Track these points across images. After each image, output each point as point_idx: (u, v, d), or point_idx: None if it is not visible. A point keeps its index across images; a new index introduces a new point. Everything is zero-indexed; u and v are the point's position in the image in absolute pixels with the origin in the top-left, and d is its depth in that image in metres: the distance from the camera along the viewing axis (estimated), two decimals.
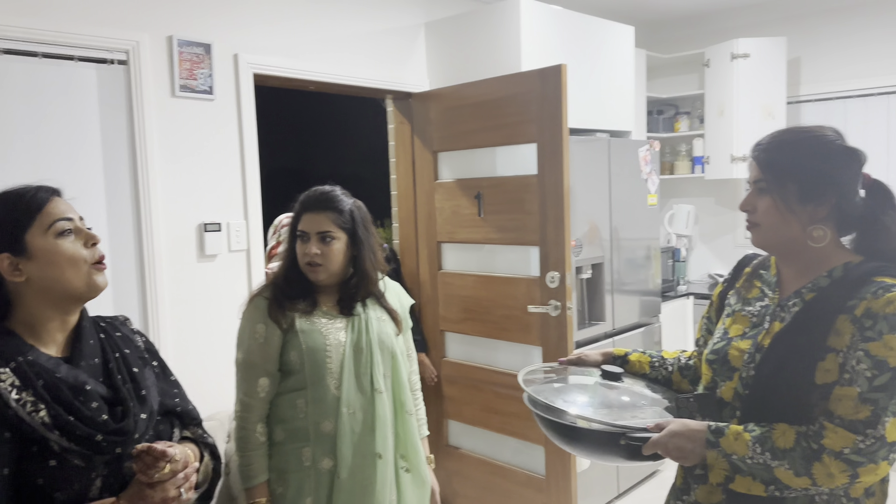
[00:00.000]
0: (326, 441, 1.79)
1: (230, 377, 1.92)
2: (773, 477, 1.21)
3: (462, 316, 3.44)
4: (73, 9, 2.42)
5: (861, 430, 1.16)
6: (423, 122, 3.52)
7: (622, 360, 1.62)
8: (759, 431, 1.23)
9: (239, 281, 2.89)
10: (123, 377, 1.30)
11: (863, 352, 1.19)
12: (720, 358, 1.38)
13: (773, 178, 1.32)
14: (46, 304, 1.24)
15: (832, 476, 1.17)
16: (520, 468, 3.30)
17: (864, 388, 1.18)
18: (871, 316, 1.20)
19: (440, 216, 3.50)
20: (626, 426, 1.32)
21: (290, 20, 3.03)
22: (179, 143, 2.69)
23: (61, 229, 1.24)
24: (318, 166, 5.63)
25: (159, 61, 2.62)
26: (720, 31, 4.73)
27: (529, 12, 3.21)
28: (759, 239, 1.37)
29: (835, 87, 4.40)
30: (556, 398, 1.41)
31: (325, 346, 1.80)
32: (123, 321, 1.44)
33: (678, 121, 4.89)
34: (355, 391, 1.82)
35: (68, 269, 1.23)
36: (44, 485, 1.15)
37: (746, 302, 1.43)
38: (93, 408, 1.20)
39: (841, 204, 1.30)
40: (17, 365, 1.17)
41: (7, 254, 1.21)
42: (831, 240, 1.32)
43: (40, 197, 1.25)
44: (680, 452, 1.27)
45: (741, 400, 1.33)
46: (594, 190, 3.40)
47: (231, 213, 2.86)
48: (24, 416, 1.13)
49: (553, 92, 2.95)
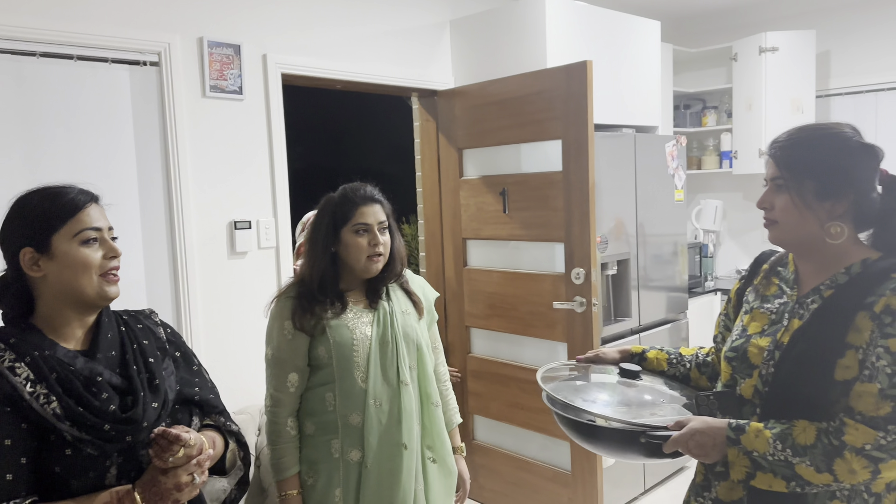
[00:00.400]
0: (354, 433, 1.82)
1: (260, 372, 1.97)
2: (795, 473, 1.21)
3: (487, 312, 3.46)
4: (106, 12, 2.48)
5: (882, 427, 1.17)
6: (448, 120, 3.54)
7: (640, 357, 1.63)
8: (780, 428, 1.23)
9: (268, 277, 2.94)
10: (139, 367, 1.34)
11: (883, 348, 1.20)
12: (739, 355, 1.39)
13: (791, 175, 1.32)
14: (62, 303, 1.29)
15: (854, 472, 1.18)
16: (546, 463, 3.32)
17: (885, 384, 1.18)
18: (890, 312, 1.20)
19: (465, 213, 3.52)
20: (646, 424, 1.32)
21: (318, 21, 3.06)
22: (210, 143, 2.74)
23: (87, 238, 1.29)
24: (345, 163, 5.68)
25: (190, 62, 2.68)
26: (748, 24, 4.68)
27: (554, 9, 3.21)
28: (776, 236, 1.38)
29: (865, 80, 4.33)
30: (575, 397, 1.41)
31: (352, 341, 1.83)
32: (148, 314, 1.49)
33: (706, 115, 4.84)
34: (381, 383, 1.85)
35: (81, 275, 1.28)
36: (60, 472, 1.20)
37: (765, 299, 1.43)
38: (102, 398, 1.25)
39: (858, 200, 1.30)
40: (32, 359, 1.22)
41: (31, 248, 1.27)
42: (849, 236, 1.32)
43: (78, 201, 1.30)
44: (701, 450, 1.27)
45: (761, 397, 1.33)
46: (620, 186, 3.39)
47: (260, 211, 2.91)
48: (37, 408, 1.18)
49: (578, 88, 2.95)
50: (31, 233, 1.26)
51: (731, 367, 1.40)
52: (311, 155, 5.19)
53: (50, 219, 1.27)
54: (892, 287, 1.22)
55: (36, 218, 1.27)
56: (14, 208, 1.30)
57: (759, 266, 1.52)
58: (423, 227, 3.79)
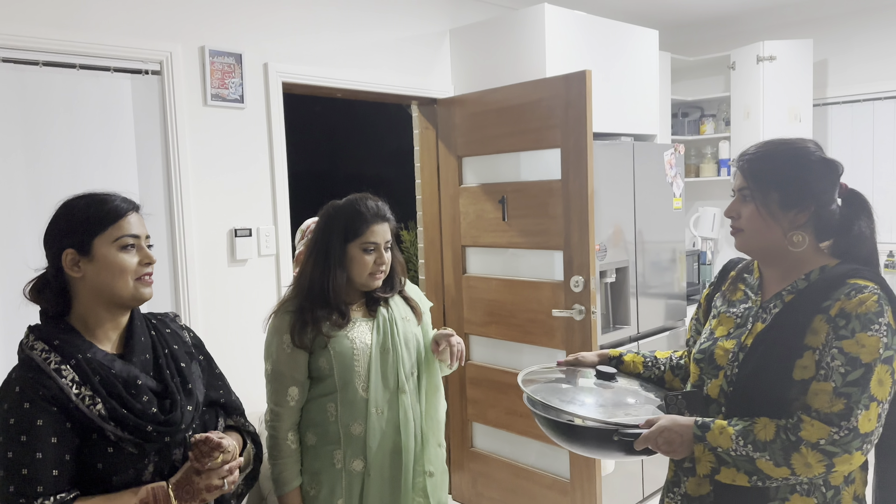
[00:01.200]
0: (357, 443, 1.83)
1: (260, 379, 1.98)
2: (756, 468, 1.28)
3: (486, 319, 3.47)
4: (109, 21, 2.49)
5: (836, 423, 1.24)
6: (447, 128, 3.56)
7: (617, 360, 1.71)
8: (742, 425, 1.30)
9: (268, 285, 2.95)
10: (172, 372, 1.41)
11: (837, 349, 1.28)
12: (707, 357, 1.47)
13: (757, 186, 1.40)
14: (98, 304, 1.36)
15: (810, 466, 1.25)
16: (544, 471, 3.32)
17: (839, 382, 1.26)
18: (844, 315, 1.29)
19: (464, 220, 3.53)
20: (620, 423, 1.39)
21: (318, 30, 3.08)
22: (211, 151, 2.76)
23: (125, 244, 1.37)
24: (344, 169, 5.70)
25: (192, 71, 2.70)
26: (745, 33, 4.71)
27: (554, 18, 3.24)
28: (742, 243, 1.46)
29: (863, 88, 4.36)
30: (554, 398, 1.49)
31: (353, 351, 1.83)
32: (174, 318, 1.57)
33: (704, 123, 4.87)
34: (382, 391, 1.85)
35: (118, 278, 1.35)
36: (102, 469, 1.28)
37: (731, 304, 1.52)
38: (143, 401, 1.32)
39: (819, 211, 1.39)
40: (76, 362, 1.29)
41: (73, 250, 1.33)
42: (810, 244, 1.41)
43: (120, 208, 1.37)
44: (669, 447, 1.34)
45: (726, 396, 1.41)
46: (618, 194, 3.41)
47: (261, 219, 2.92)
48: (83, 409, 1.26)
49: (577, 98, 2.97)
50: (74, 235, 1.34)
51: (699, 369, 1.49)
52: (311, 161, 5.21)
53: (93, 223, 1.34)
54: (847, 292, 1.31)
55: (80, 221, 1.34)
56: (60, 211, 1.37)
57: (727, 273, 1.60)
58: (423, 234, 3.80)
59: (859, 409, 1.24)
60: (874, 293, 1.29)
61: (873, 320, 1.27)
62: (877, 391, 1.25)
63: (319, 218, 1.93)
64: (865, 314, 1.27)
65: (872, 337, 1.26)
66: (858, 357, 1.26)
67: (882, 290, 1.32)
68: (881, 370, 1.26)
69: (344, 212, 1.87)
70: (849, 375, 1.26)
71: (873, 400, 1.25)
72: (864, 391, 1.24)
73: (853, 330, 1.28)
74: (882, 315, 1.28)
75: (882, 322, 1.28)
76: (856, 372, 1.26)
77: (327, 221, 1.89)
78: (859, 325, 1.27)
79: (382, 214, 1.88)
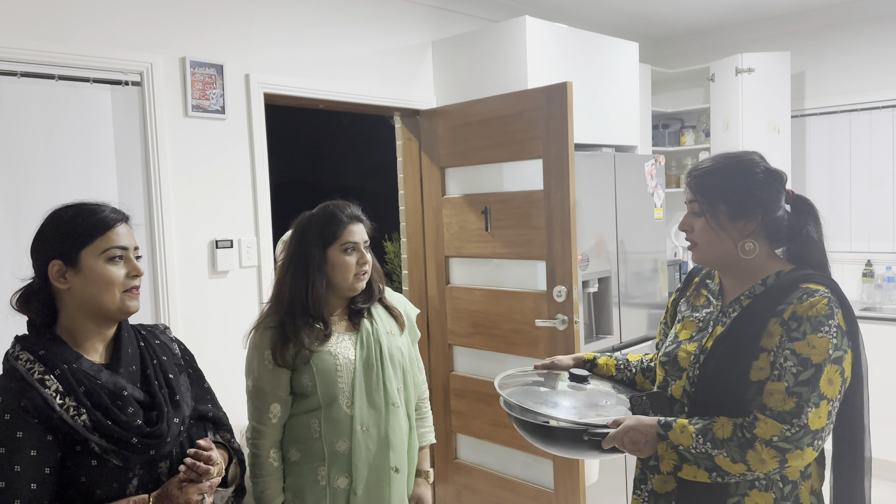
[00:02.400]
0: (341, 460, 1.79)
1: (241, 393, 1.95)
2: (714, 464, 1.34)
3: (470, 330, 3.47)
4: (88, 32, 2.48)
5: (788, 420, 1.30)
6: (430, 139, 3.57)
7: (591, 363, 1.77)
8: (702, 424, 1.37)
9: (250, 297, 2.93)
10: (160, 383, 1.39)
11: (789, 350, 1.34)
12: (671, 360, 1.54)
13: (706, 200, 1.47)
14: (84, 316, 1.34)
15: (764, 462, 1.31)
16: (529, 482, 3.31)
17: (791, 382, 1.32)
18: (796, 318, 1.36)
19: (448, 231, 3.53)
20: (589, 423, 1.45)
21: (300, 41, 3.08)
22: (192, 162, 2.74)
23: (113, 255, 1.35)
24: (326, 180, 5.69)
25: (172, 82, 2.68)
26: (724, 45, 4.77)
27: (535, 31, 3.26)
28: (697, 256, 1.53)
29: (839, 100, 4.43)
30: (528, 400, 1.55)
31: (336, 367, 1.79)
32: (163, 329, 1.55)
33: (684, 135, 4.92)
34: (367, 408, 1.81)
35: (105, 291, 1.33)
36: (86, 482, 1.26)
37: (694, 309, 1.59)
38: (129, 413, 1.30)
39: (766, 219, 1.46)
40: (61, 372, 1.27)
41: (59, 261, 1.31)
42: (763, 251, 1.48)
43: (109, 219, 1.36)
44: (634, 446, 1.41)
45: (688, 397, 1.48)
46: (600, 204, 3.43)
47: (242, 230, 2.91)
48: (67, 420, 1.23)
49: (559, 109, 2.99)
50: (61, 246, 1.32)
51: (664, 371, 1.55)
52: (292, 172, 5.19)
53: (81, 234, 1.33)
54: (799, 296, 1.37)
55: (67, 232, 1.32)
56: (48, 221, 1.35)
57: (692, 279, 1.67)
58: (406, 246, 3.80)
59: (810, 407, 1.30)
60: (825, 297, 1.36)
61: (823, 322, 1.34)
62: (826, 390, 1.32)
63: (293, 229, 1.89)
64: (816, 317, 1.34)
65: (822, 338, 1.33)
66: (809, 358, 1.32)
67: (833, 294, 1.38)
68: (831, 370, 1.32)
69: (318, 218, 1.86)
70: (800, 375, 1.32)
71: (823, 398, 1.31)
72: (814, 390, 1.31)
73: (804, 332, 1.34)
74: (832, 318, 1.35)
75: (832, 324, 1.34)
76: (807, 372, 1.32)
77: (303, 230, 1.86)
78: (810, 328, 1.34)
79: (357, 215, 1.88)
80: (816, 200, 1.55)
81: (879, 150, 4.30)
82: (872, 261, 4.36)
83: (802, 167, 4.57)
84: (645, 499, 1.54)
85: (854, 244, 4.45)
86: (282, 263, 1.91)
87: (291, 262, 1.85)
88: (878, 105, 4.29)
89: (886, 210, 4.31)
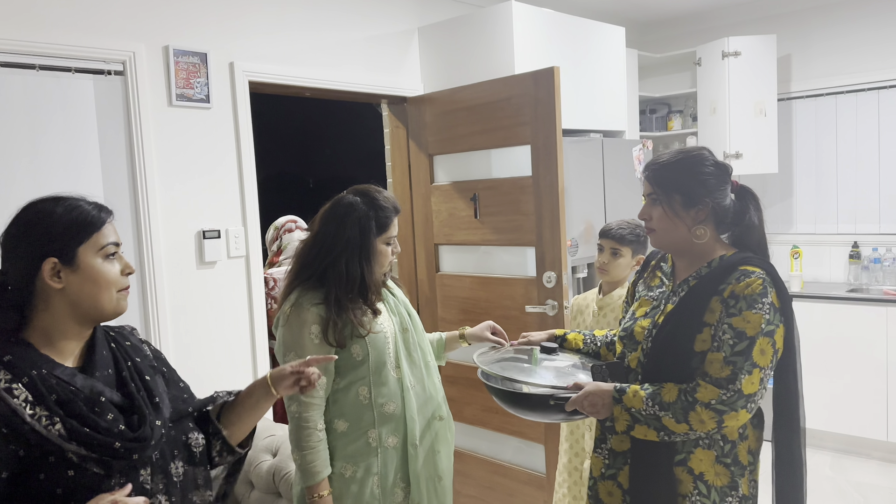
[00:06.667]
0: (391, 420, 1.89)
1: (230, 382, 1.95)
2: (662, 425, 1.52)
3: (461, 317, 3.47)
4: (69, 21, 2.44)
5: (724, 385, 1.49)
6: (418, 126, 3.55)
7: (562, 338, 1.98)
8: (652, 389, 1.56)
9: (238, 287, 2.91)
10: (137, 385, 1.33)
11: (727, 325, 1.52)
12: (628, 334, 1.72)
13: (662, 190, 1.64)
14: (71, 317, 1.27)
15: (703, 422, 1.49)
16: (521, 467, 3.33)
17: (728, 353, 1.50)
18: (734, 297, 1.53)
19: (437, 218, 3.52)
20: (553, 386, 1.66)
21: (285, 28, 3.05)
22: (177, 152, 2.72)
23: (110, 252, 1.30)
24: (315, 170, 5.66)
25: (156, 71, 2.65)
26: (711, 29, 4.77)
27: (521, 16, 3.25)
28: (656, 241, 1.70)
29: (825, 83, 4.44)
30: (505, 372, 1.76)
31: (385, 337, 1.90)
32: (131, 331, 1.47)
33: (671, 119, 4.92)
34: (410, 366, 1.94)
35: (104, 290, 1.28)
36: (63, 494, 1.18)
37: (650, 288, 1.78)
38: (108, 419, 1.23)
39: (715, 207, 1.63)
40: (30, 380, 1.18)
41: (55, 259, 1.24)
42: (712, 237, 1.64)
43: (101, 217, 1.30)
44: (593, 408, 1.59)
45: (642, 367, 1.65)
46: (589, 190, 3.43)
47: (230, 220, 2.89)
48: (40, 430, 1.16)
49: (546, 94, 2.98)
50: (55, 242, 1.24)
51: (623, 344, 1.74)
52: (281, 162, 5.16)
53: (77, 231, 1.26)
54: (737, 277, 1.55)
55: (63, 228, 1.25)
56: (33, 216, 1.26)
57: (649, 263, 1.85)
58: None
59: (743, 374, 1.48)
60: (759, 277, 1.53)
61: (758, 300, 1.51)
62: (759, 359, 1.50)
63: (342, 210, 1.89)
64: (751, 295, 1.51)
65: (756, 314, 1.50)
66: (744, 331, 1.50)
67: (768, 276, 1.55)
68: (763, 342, 1.50)
69: (373, 207, 1.89)
70: (736, 346, 1.50)
71: (755, 366, 1.49)
72: (747, 359, 1.49)
73: (741, 308, 1.51)
74: (766, 296, 1.52)
75: (765, 302, 1.51)
76: (741, 343, 1.50)
77: (360, 216, 1.87)
78: (746, 305, 1.51)
79: (399, 207, 1.98)
80: (803, 182, 1.64)
81: (865, 132, 4.32)
82: (859, 242, 4.40)
83: (789, 150, 4.59)
84: (605, 457, 1.72)
85: (841, 226, 4.48)
86: (320, 241, 1.88)
87: (347, 244, 1.85)
88: (864, 87, 4.31)
89: (872, 192, 4.34)
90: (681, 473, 1.58)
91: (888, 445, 3.95)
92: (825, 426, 4.09)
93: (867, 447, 4.03)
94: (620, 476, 1.68)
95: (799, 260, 4.53)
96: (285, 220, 3.29)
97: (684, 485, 1.58)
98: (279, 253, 3.23)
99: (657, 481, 1.58)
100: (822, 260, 4.57)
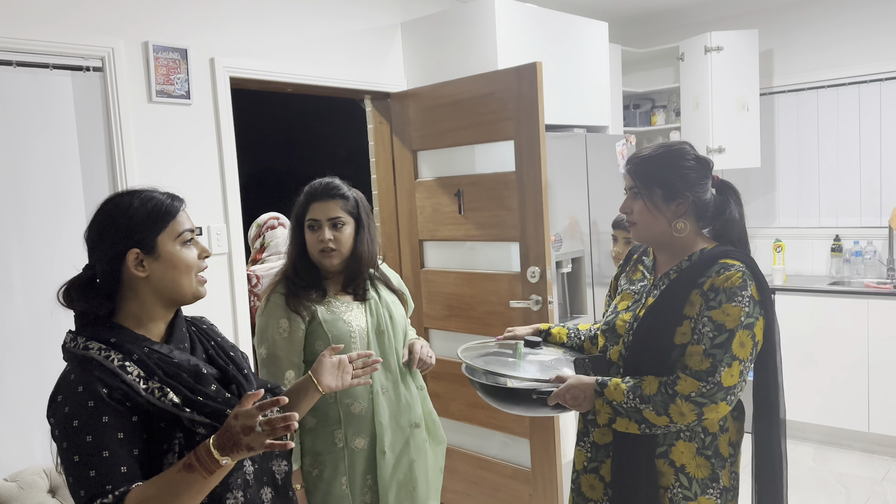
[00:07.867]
0: (358, 421, 1.89)
1: None
2: (643, 417, 1.53)
3: (445, 313, 3.47)
4: (46, 16, 2.41)
5: (704, 378, 1.49)
6: (401, 122, 3.54)
7: (546, 333, 1.97)
8: (633, 382, 1.56)
9: (221, 284, 2.89)
10: (224, 360, 1.42)
11: (707, 318, 1.53)
12: (610, 328, 1.73)
13: (643, 184, 1.64)
14: (156, 302, 1.35)
15: (683, 415, 1.50)
16: (506, 461, 3.34)
17: (707, 345, 1.51)
18: (714, 290, 1.54)
19: (421, 214, 3.52)
20: (536, 379, 1.66)
21: (266, 23, 3.03)
22: (158, 149, 2.69)
23: (187, 238, 1.38)
24: (300, 167, 5.62)
25: (135, 67, 2.63)
26: (693, 24, 4.79)
27: (504, 11, 3.24)
28: (637, 234, 1.69)
29: (807, 77, 4.48)
30: (489, 366, 1.74)
31: (350, 333, 1.90)
32: (202, 319, 1.57)
33: (654, 114, 4.94)
34: (383, 371, 1.94)
35: (185, 275, 1.36)
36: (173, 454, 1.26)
37: (632, 282, 1.79)
38: (213, 389, 1.32)
39: (696, 201, 1.63)
40: (139, 356, 1.27)
41: (137, 249, 1.31)
42: (692, 230, 1.65)
43: (175, 205, 1.38)
44: (575, 401, 1.59)
45: (623, 360, 1.66)
46: (572, 185, 3.44)
47: (212, 217, 2.87)
48: (155, 402, 1.25)
49: (529, 89, 2.98)
50: (136, 234, 1.32)
51: (605, 338, 1.74)
52: (266, 160, 5.13)
53: (155, 221, 1.34)
54: (717, 270, 1.55)
55: (140, 221, 1.32)
56: (113, 210, 1.34)
57: (631, 257, 1.87)
58: (380, 230, 3.78)
59: (723, 367, 1.48)
60: (739, 271, 1.53)
61: (737, 293, 1.51)
62: (738, 352, 1.50)
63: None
64: (731, 288, 1.52)
65: (736, 307, 1.51)
66: (724, 324, 1.50)
67: (747, 269, 1.55)
68: (742, 334, 1.50)
69: (300, 194, 1.99)
70: (716, 339, 1.50)
71: (735, 359, 1.49)
72: (727, 352, 1.49)
73: (720, 301, 1.52)
74: (745, 289, 1.52)
75: (745, 295, 1.51)
76: (721, 336, 1.50)
77: (295, 205, 2.00)
78: (725, 298, 1.51)
79: (326, 191, 1.96)
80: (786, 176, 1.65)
81: (846, 126, 4.36)
82: (841, 235, 4.44)
83: (771, 144, 4.63)
84: (588, 450, 1.73)
85: (822, 219, 4.52)
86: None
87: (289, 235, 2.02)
88: (845, 81, 4.34)
89: (853, 185, 4.38)
90: (662, 466, 1.59)
91: (870, 437, 3.99)
92: (808, 418, 4.13)
93: (849, 438, 4.08)
94: (602, 469, 1.69)
95: (781, 253, 4.56)
96: (268, 216, 3.27)
97: (666, 477, 1.59)
98: (262, 250, 3.21)
99: (639, 474, 1.59)
100: (805, 253, 4.61)
